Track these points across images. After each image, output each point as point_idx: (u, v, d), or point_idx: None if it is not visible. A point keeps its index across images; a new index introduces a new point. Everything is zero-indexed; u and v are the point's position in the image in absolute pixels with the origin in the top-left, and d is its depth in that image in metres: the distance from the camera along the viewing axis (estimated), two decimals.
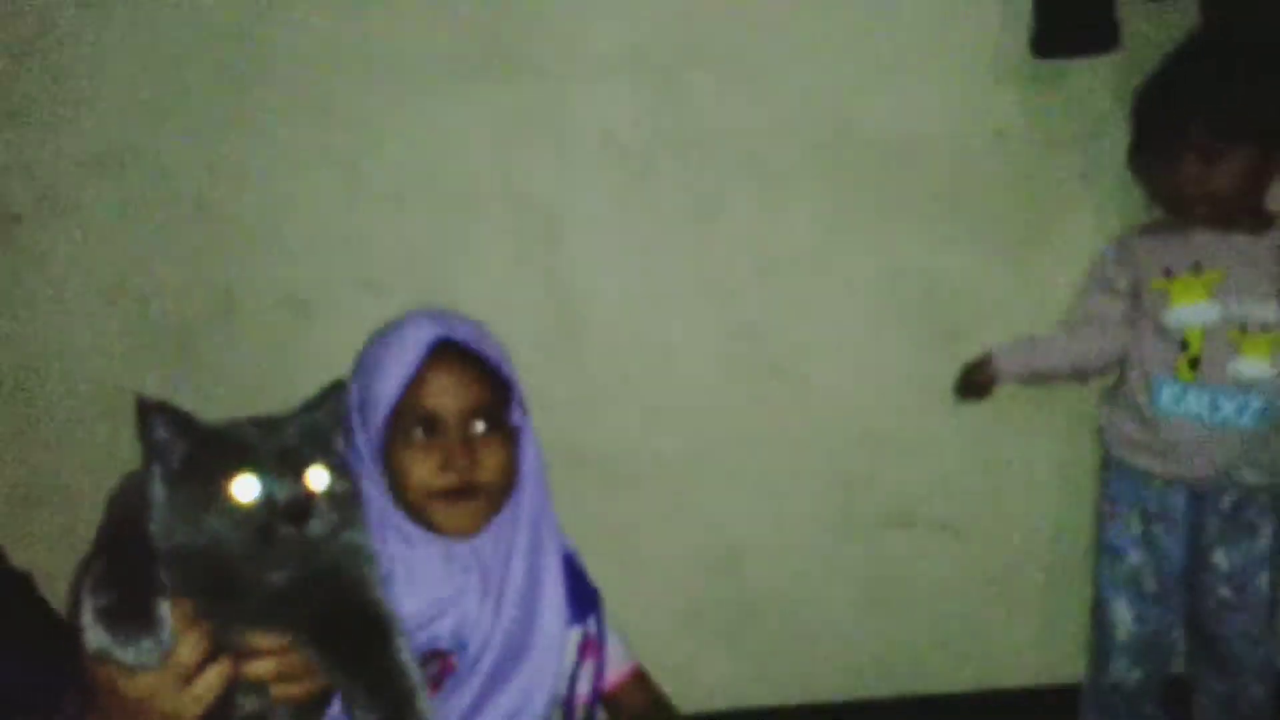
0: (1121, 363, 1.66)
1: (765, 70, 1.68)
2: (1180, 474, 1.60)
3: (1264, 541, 1.61)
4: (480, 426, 1.13)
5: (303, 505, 0.77)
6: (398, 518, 1.14)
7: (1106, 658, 1.71)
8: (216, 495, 0.75)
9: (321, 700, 0.85)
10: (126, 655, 0.71)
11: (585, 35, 1.65)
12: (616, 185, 1.70)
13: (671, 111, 1.68)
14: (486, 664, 1.14)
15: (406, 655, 0.83)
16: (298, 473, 0.78)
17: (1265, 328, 1.53)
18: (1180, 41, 1.59)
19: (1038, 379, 1.72)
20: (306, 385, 1.70)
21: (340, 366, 1.68)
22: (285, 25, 1.61)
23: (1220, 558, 1.62)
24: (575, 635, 1.23)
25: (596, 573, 1.77)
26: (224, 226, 1.66)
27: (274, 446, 0.78)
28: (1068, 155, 1.75)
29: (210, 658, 0.77)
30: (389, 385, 1.12)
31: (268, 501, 0.76)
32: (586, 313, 1.73)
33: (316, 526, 0.77)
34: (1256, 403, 1.53)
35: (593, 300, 1.73)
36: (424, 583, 1.13)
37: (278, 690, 0.82)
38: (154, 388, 1.63)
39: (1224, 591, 1.63)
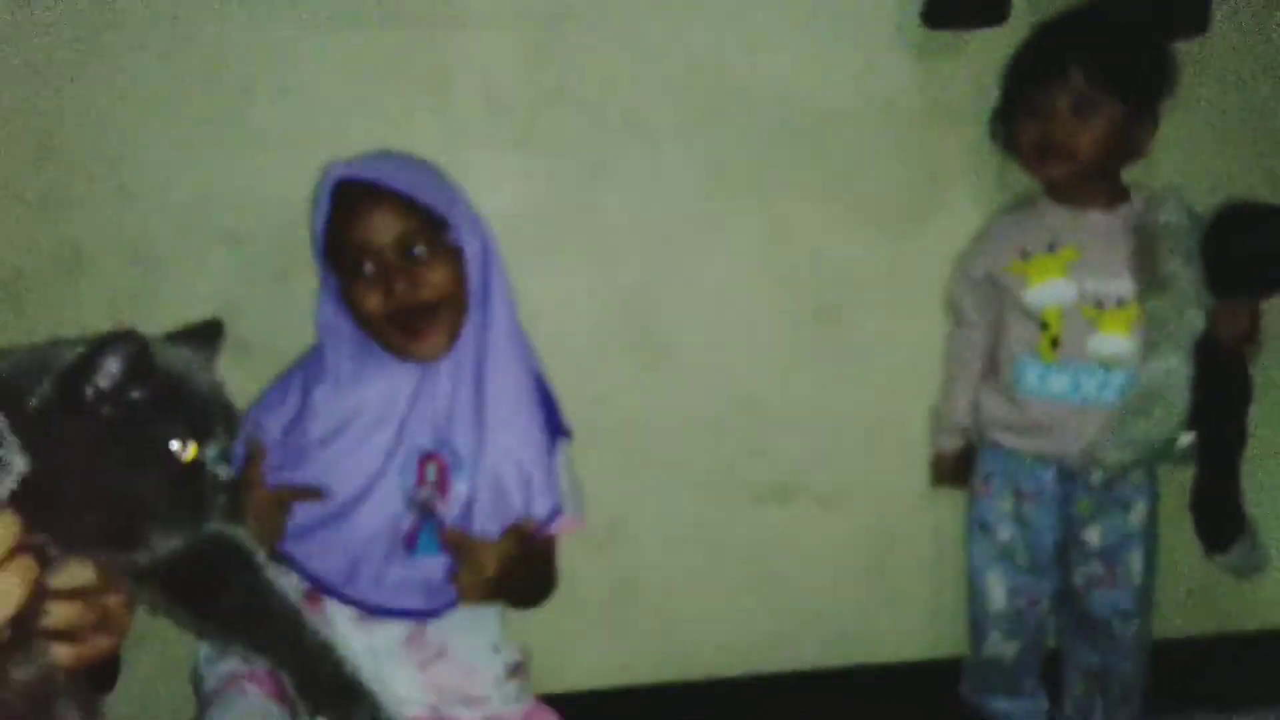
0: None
1: (648, 28, 1.63)
2: (1048, 452, 1.61)
3: (1137, 519, 1.63)
4: (420, 250, 1.26)
5: (235, 479, 0.72)
6: (374, 347, 1.33)
7: (982, 632, 1.73)
8: (160, 451, 0.67)
9: (108, 672, 0.76)
10: None
11: None
12: (496, 142, 1.63)
13: (553, 68, 1.62)
14: (481, 463, 1.31)
15: (328, 633, 0.76)
16: (230, 442, 0.72)
17: (1121, 303, 1.55)
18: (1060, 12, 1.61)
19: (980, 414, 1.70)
20: None
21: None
22: None
23: (1092, 534, 1.64)
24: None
25: None
26: (70, 174, 1.55)
27: (218, 412, 0.71)
28: (956, 129, 1.74)
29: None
30: (315, 229, 1.30)
31: (202, 464, 0.69)
32: None
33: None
34: (1118, 379, 1.55)
35: None
36: (394, 400, 1.33)
37: (67, 651, 0.67)
38: None
39: (1096, 567, 1.65)
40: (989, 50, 1.69)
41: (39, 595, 0.63)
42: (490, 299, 1.34)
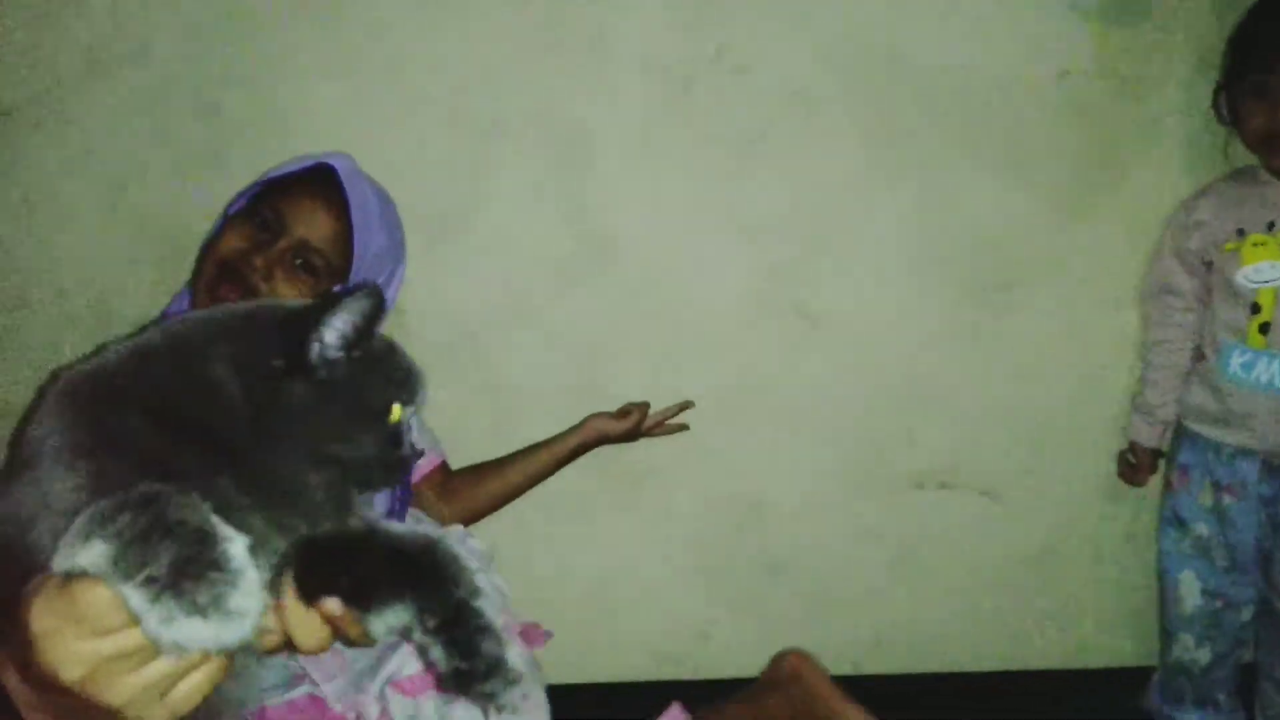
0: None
1: None
2: (1251, 445, 1.48)
3: None
4: (303, 268, 1.19)
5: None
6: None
7: (1172, 637, 1.61)
8: (379, 414, 0.65)
9: None
10: (207, 632, 0.51)
11: None
12: (651, 109, 1.59)
13: (711, 35, 1.57)
14: None
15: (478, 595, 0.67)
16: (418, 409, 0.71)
17: None
18: None
19: (1179, 404, 1.60)
20: None
21: None
22: None
23: None
24: None
25: (611, 520, 1.68)
26: (225, 134, 1.57)
27: (418, 376, 0.70)
28: (1137, 99, 1.63)
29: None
30: (267, 175, 1.24)
31: (402, 429, 0.68)
32: (611, 243, 1.62)
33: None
34: None
35: (619, 230, 1.62)
36: None
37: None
38: (146, 301, 1.58)
39: None
40: (1174, 14, 1.58)
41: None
42: None
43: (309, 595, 0.60)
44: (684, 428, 1.61)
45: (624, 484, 1.67)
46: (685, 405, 1.61)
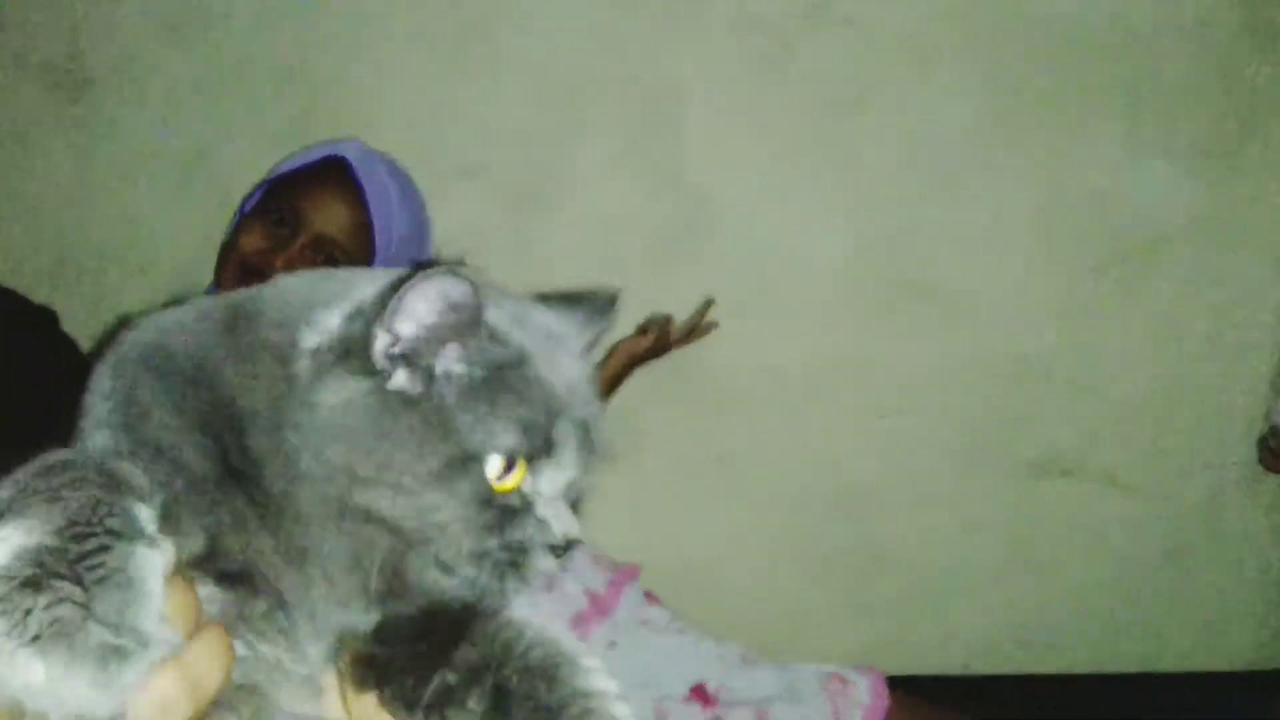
0: None
1: None
2: None
3: None
4: (322, 258, 1.15)
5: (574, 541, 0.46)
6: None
7: None
8: (467, 461, 0.42)
9: None
10: (41, 679, 0.31)
11: None
12: (748, 67, 1.53)
13: None
14: None
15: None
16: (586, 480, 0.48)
17: None
18: None
19: None
20: None
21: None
22: None
23: None
24: None
25: (708, 506, 1.60)
26: (314, 100, 1.54)
27: (574, 425, 0.45)
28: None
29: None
30: (286, 163, 1.21)
31: (526, 502, 0.44)
32: (706, 211, 1.56)
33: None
34: None
35: (714, 197, 1.56)
36: None
37: None
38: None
39: None
40: None
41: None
42: None
43: (365, 686, 0.43)
44: (714, 326, 1.53)
45: (715, 466, 1.61)
46: (708, 304, 1.52)
